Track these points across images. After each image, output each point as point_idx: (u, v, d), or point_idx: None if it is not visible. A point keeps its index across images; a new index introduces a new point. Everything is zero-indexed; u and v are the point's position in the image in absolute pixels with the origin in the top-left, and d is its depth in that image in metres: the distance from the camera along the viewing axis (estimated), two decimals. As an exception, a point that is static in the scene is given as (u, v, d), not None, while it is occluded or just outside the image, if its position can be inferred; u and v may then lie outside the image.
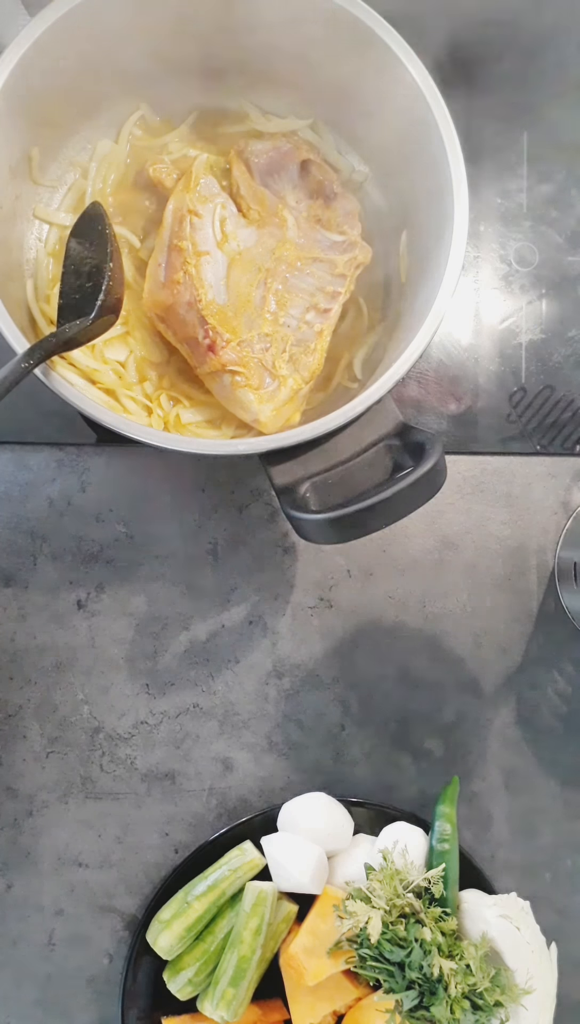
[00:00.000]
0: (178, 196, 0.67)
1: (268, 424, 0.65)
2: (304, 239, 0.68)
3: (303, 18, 0.63)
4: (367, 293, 0.72)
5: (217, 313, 0.65)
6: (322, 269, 0.67)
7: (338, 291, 0.67)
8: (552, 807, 0.77)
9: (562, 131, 0.81)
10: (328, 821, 0.69)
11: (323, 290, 0.67)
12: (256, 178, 0.69)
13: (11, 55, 0.59)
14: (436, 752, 0.76)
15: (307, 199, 0.69)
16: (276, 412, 0.65)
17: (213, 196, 0.67)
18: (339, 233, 0.68)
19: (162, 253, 0.67)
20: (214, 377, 0.66)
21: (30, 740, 0.73)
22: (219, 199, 0.67)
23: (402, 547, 0.76)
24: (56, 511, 0.74)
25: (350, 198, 0.70)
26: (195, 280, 0.65)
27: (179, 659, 0.75)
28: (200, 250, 0.65)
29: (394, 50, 0.61)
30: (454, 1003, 0.62)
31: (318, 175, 0.69)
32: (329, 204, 0.69)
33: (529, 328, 0.79)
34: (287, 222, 0.68)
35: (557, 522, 0.78)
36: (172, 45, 0.66)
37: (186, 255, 0.65)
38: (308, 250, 0.67)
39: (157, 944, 0.67)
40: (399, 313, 0.69)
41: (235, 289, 0.66)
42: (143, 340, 0.68)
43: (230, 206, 0.68)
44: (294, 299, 0.66)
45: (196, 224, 0.66)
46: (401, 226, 0.70)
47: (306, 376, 0.66)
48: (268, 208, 0.68)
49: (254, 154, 0.68)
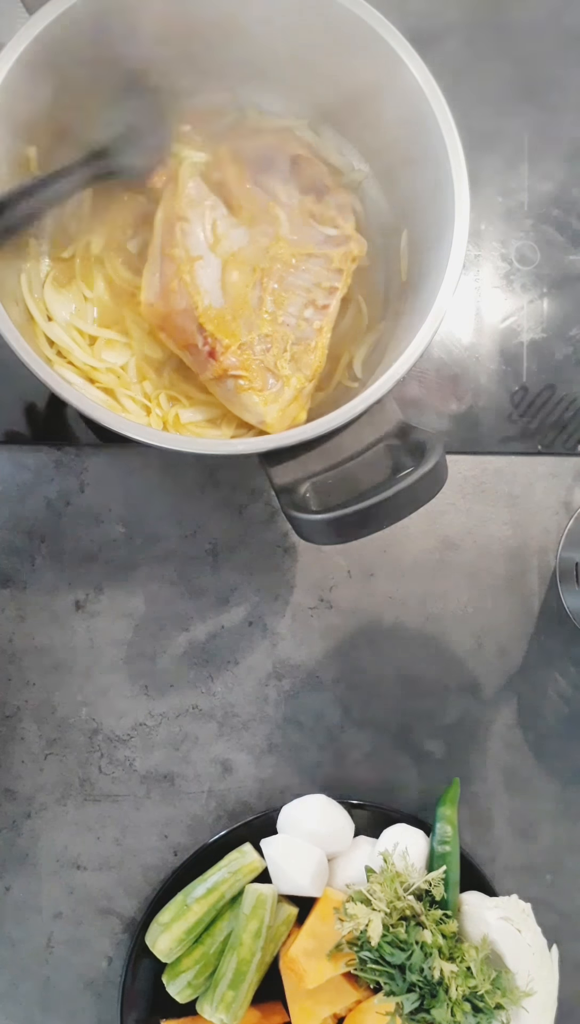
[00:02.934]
0: (167, 203, 0.66)
1: (274, 425, 0.64)
2: (298, 235, 0.67)
3: (302, 16, 0.63)
4: (367, 292, 0.71)
5: (215, 318, 0.64)
6: (318, 264, 0.67)
7: (335, 286, 0.66)
8: (553, 809, 0.76)
9: (564, 129, 0.81)
10: (328, 823, 0.69)
11: (320, 286, 0.66)
12: (246, 176, 0.68)
13: (9, 54, 0.58)
14: (437, 753, 0.76)
15: (299, 194, 0.68)
16: (282, 412, 0.64)
17: (202, 199, 0.66)
18: (333, 227, 0.67)
19: (156, 262, 0.66)
20: (217, 382, 0.65)
21: (28, 742, 0.73)
22: (208, 201, 0.67)
23: (403, 547, 0.76)
24: (55, 511, 0.74)
25: (342, 191, 0.69)
26: (190, 288, 0.64)
27: (178, 660, 0.74)
28: (193, 255, 0.65)
29: (395, 48, 0.61)
30: (455, 1006, 0.61)
31: (309, 170, 0.68)
32: (321, 198, 0.68)
33: (530, 327, 0.79)
34: (280, 219, 0.67)
35: (558, 522, 0.78)
36: (171, 43, 0.66)
37: (179, 263, 0.64)
38: (302, 246, 0.67)
39: (156, 947, 0.67)
40: (399, 312, 0.69)
41: (231, 291, 0.65)
42: (141, 339, 0.68)
43: (220, 207, 0.67)
44: (291, 297, 0.66)
45: (186, 230, 0.65)
46: (402, 225, 0.70)
47: (309, 374, 0.65)
48: (259, 206, 0.67)
49: (244, 152, 0.68)
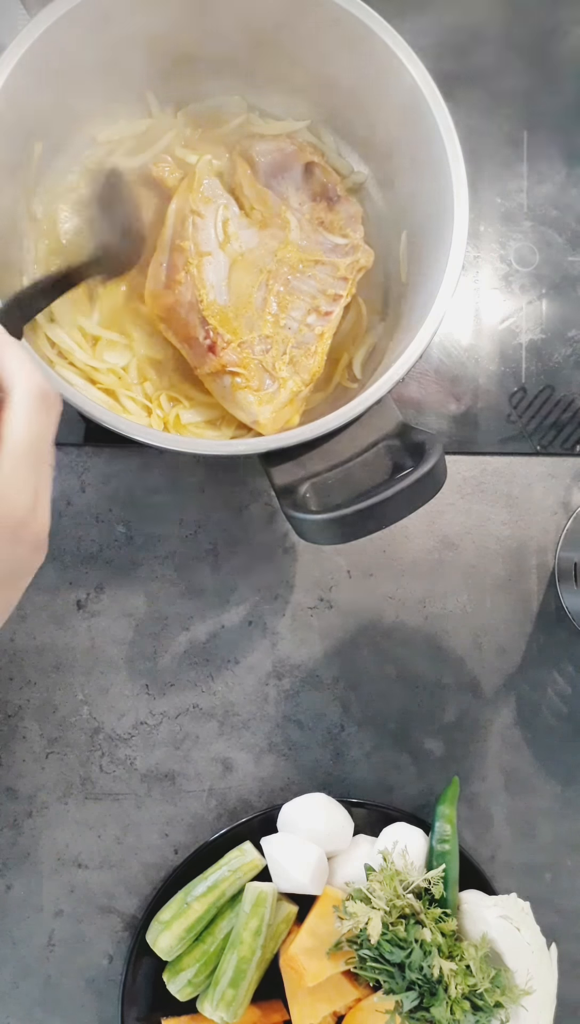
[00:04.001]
0: (181, 196, 0.67)
1: (267, 426, 0.64)
2: (306, 241, 0.68)
3: (303, 18, 0.63)
4: (367, 293, 0.71)
5: (218, 314, 0.65)
6: (324, 272, 0.67)
7: (340, 294, 0.67)
8: (552, 807, 0.77)
9: (562, 130, 0.81)
10: (328, 822, 0.69)
11: (325, 292, 0.67)
12: (260, 179, 0.68)
13: (11, 55, 0.58)
14: (436, 752, 0.76)
15: (310, 201, 0.69)
16: (275, 414, 0.65)
17: (216, 197, 0.67)
18: (342, 236, 0.68)
19: (164, 253, 0.66)
20: (214, 378, 0.66)
21: (30, 741, 0.73)
22: (222, 200, 0.67)
23: (402, 547, 0.76)
24: (55, 511, 0.74)
25: (353, 201, 0.70)
26: (196, 280, 0.64)
27: (179, 659, 0.75)
28: (202, 251, 0.65)
29: (394, 50, 0.61)
30: (454, 1004, 0.62)
31: (322, 178, 0.69)
32: (332, 207, 0.69)
33: (529, 328, 0.79)
34: (290, 224, 0.67)
35: (557, 522, 0.78)
36: (172, 45, 0.66)
37: (188, 255, 0.65)
38: (310, 252, 0.67)
39: (157, 945, 0.67)
40: (399, 313, 0.69)
41: (236, 290, 0.66)
42: (141, 339, 0.68)
43: (233, 207, 0.68)
44: (295, 301, 0.66)
45: (198, 224, 0.66)
46: (401, 226, 0.70)
47: (306, 378, 0.66)
48: (271, 209, 0.68)
49: (259, 154, 0.68)
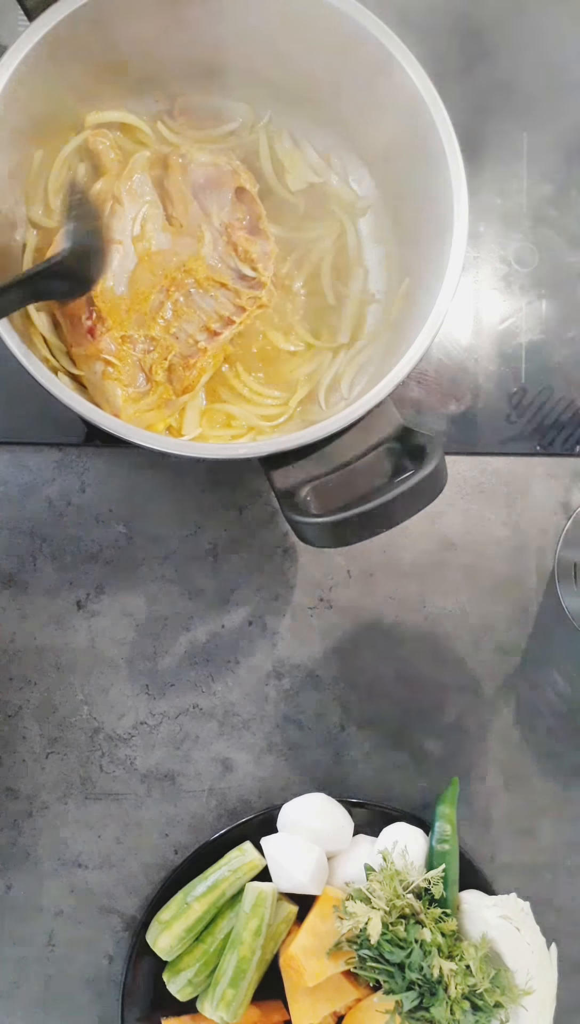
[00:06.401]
0: (109, 180, 0.67)
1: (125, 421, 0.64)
2: (217, 261, 0.68)
3: (298, 20, 0.63)
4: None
5: (110, 301, 0.65)
6: (225, 296, 0.67)
7: (234, 320, 0.67)
8: (552, 807, 0.77)
9: (562, 131, 0.81)
10: (328, 822, 0.69)
11: (220, 314, 0.67)
12: (189, 188, 0.68)
13: (10, 60, 0.58)
14: (436, 752, 0.76)
15: (232, 225, 0.69)
16: (138, 414, 0.65)
17: (143, 194, 0.67)
18: (252, 268, 0.68)
19: None
20: (87, 360, 0.65)
21: (30, 741, 0.73)
22: (148, 197, 0.67)
23: (402, 548, 0.76)
24: (56, 511, 0.74)
25: (270, 241, 0.69)
26: None
27: (179, 660, 0.75)
28: (113, 238, 0.65)
29: (391, 51, 0.61)
30: (454, 1004, 0.62)
31: (249, 206, 0.69)
32: (250, 238, 0.69)
33: (529, 328, 0.79)
34: (205, 239, 0.67)
35: (557, 523, 0.78)
36: (171, 48, 0.66)
37: None
38: (218, 273, 0.67)
39: (157, 945, 0.68)
40: (399, 315, 0.69)
41: (136, 286, 0.66)
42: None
43: (157, 208, 0.68)
44: (191, 314, 0.66)
45: (117, 212, 0.66)
46: (400, 227, 0.70)
47: (179, 388, 0.66)
48: (192, 220, 0.68)
49: (194, 164, 0.68)
